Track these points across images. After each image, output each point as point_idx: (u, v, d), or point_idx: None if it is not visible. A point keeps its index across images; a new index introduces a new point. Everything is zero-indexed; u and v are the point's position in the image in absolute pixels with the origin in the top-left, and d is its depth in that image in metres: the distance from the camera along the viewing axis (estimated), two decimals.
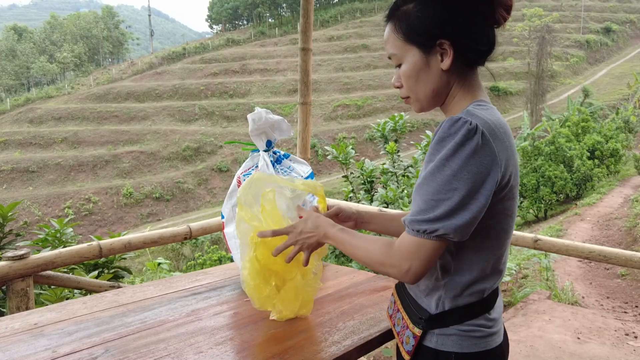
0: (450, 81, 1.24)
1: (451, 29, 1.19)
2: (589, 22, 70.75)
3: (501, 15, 1.22)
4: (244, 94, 53.87)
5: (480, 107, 1.17)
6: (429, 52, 1.21)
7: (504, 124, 1.16)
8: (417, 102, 1.29)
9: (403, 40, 1.24)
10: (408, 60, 1.24)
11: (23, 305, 2.47)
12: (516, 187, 1.20)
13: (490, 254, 1.21)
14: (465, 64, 1.24)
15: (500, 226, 1.20)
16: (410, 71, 1.24)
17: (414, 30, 1.22)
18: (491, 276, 1.24)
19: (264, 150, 1.81)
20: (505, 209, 1.19)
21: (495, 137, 1.10)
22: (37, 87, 66.43)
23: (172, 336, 1.52)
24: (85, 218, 35.92)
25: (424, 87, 1.25)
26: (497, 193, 1.12)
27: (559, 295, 6.17)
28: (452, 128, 1.09)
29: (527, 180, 17.61)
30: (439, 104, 1.29)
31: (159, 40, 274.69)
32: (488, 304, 1.25)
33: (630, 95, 40.74)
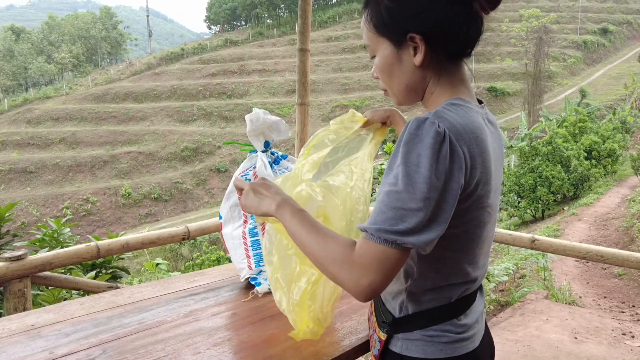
0: (426, 76, 1.15)
1: (423, 22, 1.09)
2: (586, 23, 70.86)
3: (480, 4, 1.12)
4: (242, 94, 53.91)
5: (454, 107, 1.07)
6: (401, 47, 1.13)
7: (476, 127, 1.05)
8: (394, 97, 1.22)
9: (374, 32, 1.16)
10: (380, 53, 1.17)
11: (20, 306, 2.47)
12: (486, 197, 1.09)
13: (457, 262, 1.14)
14: (444, 57, 1.14)
15: (468, 236, 1.12)
16: (383, 65, 1.17)
17: (384, 22, 1.13)
18: (459, 283, 1.16)
19: (262, 151, 1.81)
20: (473, 219, 1.09)
21: (463, 143, 1.00)
22: (35, 87, 66.43)
23: (170, 337, 1.52)
24: (84, 218, 35.90)
25: (397, 82, 1.18)
26: (462, 202, 1.02)
27: (556, 295, 6.18)
28: (419, 130, 0.99)
29: (524, 180, 17.62)
30: (418, 100, 1.21)
31: (157, 41, 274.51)
32: (456, 309, 1.17)
33: (627, 96, 40.85)
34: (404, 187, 0.96)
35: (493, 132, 1.18)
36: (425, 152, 0.96)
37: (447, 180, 0.97)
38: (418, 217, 0.96)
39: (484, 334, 1.28)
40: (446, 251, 1.10)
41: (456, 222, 1.04)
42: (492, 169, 1.09)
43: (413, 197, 0.95)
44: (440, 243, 1.04)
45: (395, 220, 0.96)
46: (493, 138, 1.16)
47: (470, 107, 1.10)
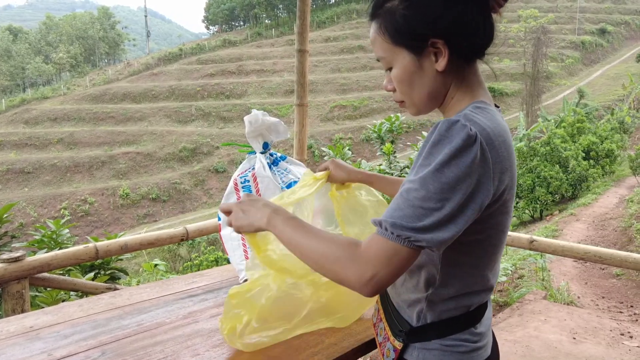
0: (447, 81, 1.12)
1: (443, 26, 1.06)
2: (584, 24, 70.93)
3: (496, 1, 1.12)
4: (241, 94, 53.88)
5: (479, 110, 1.05)
6: (421, 54, 1.09)
7: (503, 131, 1.04)
8: (413, 107, 1.18)
9: (390, 43, 1.11)
10: (398, 64, 1.12)
11: (18, 308, 2.47)
12: (511, 200, 1.09)
13: (478, 269, 1.13)
14: (463, 60, 1.12)
15: (491, 241, 1.10)
16: (402, 75, 1.13)
17: (402, 31, 1.09)
18: (479, 291, 1.15)
19: (261, 152, 1.81)
20: (497, 224, 1.08)
21: (492, 148, 0.98)
22: (33, 87, 66.38)
23: (168, 339, 1.51)
24: (82, 219, 35.86)
25: (418, 91, 1.13)
26: (488, 207, 1.01)
27: (554, 296, 6.18)
28: (449, 131, 0.97)
29: (522, 180, 17.64)
30: (437, 106, 1.18)
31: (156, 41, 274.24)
32: (474, 318, 1.16)
33: (625, 96, 40.88)
34: (426, 186, 0.95)
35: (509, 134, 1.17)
36: (453, 154, 0.94)
37: (474, 185, 0.95)
38: (436, 217, 0.94)
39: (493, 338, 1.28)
40: (469, 257, 1.10)
41: (480, 227, 1.04)
42: (515, 171, 1.09)
43: (434, 196, 0.94)
44: (463, 249, 1.06)
45: (412, 218, 0.94)
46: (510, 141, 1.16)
47: (494, 109, 1.10)
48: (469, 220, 0.97)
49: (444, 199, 0.94)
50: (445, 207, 0.94)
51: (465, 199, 0.95)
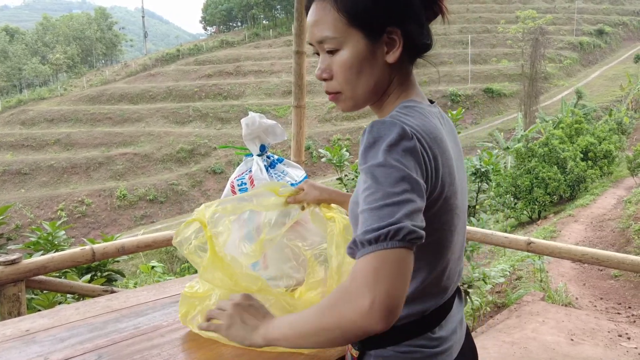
0: (391, 76, 1.08)
1: (404, 16, 1.03)
2: (582, 24, 71.07)
3: (440, 7, 1.09)
4: (238, 95, 53.90)
5: (407, 109, 1.01)
6: (376, 40, 1.03)
7: (434, 128, 0.99)
8: (351, 99, 1.10)
9: (346, 23, 1.03)
10: (350, 46, 1.04)
11: (15, 311, 2.46)
12: (454, 199, 1.03)
13: (428, 272, 1.05)
14: (408, 57, 1.09)
15: (440, 243, 1.04)
16: (352, 61, 1.04)
17: (362, 11, 1.02)
18: (431, 295, 1.09)
19: (258, 154, 1.80)
20: (443, 224, 1.02)
21: (425, 144, 0.94)
22: (30, 88, 66.32)
23: (166, 342, 1.51)
24: (79, 220, 35.84)
25: (365, 81, 1.06)
26: (430, 206, 0.96)
27: (552, 297, 6.19)
28: (381, 129, 0.92)
29: (520, 181, 17.66)
30: (375, 101, 1.12)
31: (153, 42, 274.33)
32: (429, 322, 1.09)
33: (623, 97, 40.98)
34: (376, 186, 0.88)
35: (449, 130, 1.13)
36: (392, 146, 0.89)
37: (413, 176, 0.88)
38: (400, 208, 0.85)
39: (465, 341, 1.23)
40: (418, 261, 0.99)
41: (428, 229, 0.92)
42: (454, 168, 1.04)
43: (389, 192, 0.86)
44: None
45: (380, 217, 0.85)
46: (450, 137, 1.10)
47: (424, 107, 1.05)
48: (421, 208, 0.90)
49: (404, 190, 0.86)
50: (402, 198, 0.86)
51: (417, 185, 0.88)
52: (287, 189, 1.55)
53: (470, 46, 60.45)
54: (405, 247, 0.84)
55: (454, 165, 1.03)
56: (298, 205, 1.56)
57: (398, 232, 0.83)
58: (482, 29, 67.78)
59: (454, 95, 49.55)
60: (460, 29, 67.58)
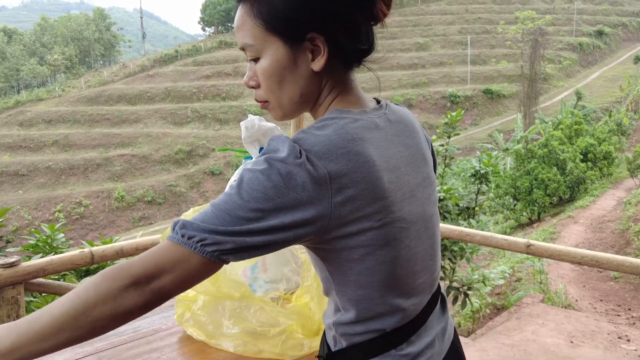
0: (320, 84, 1.03)
1: (326, 22, 0.96)
2: (582, 25, 71.19)
3: (380, 9, 1.01)
4: (237, 96, 53.92)
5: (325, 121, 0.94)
6: (297, 47, 0.98)
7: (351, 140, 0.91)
8: (279, 109, 1.06)
9: (264, 29, 0.98)
10: (269, 54, 0.99)
11: (14, 314, 2.45)
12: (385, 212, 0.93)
13: (373, 291, 0.98)
14: (341, 64, 1.03)
15: (375, 260, 0.96)
16: (272, 69, 1.00)
17: (279, 17, 0.96)
18: (387, 314, 1.01)
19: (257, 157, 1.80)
20: (370, 241, 0.93)
21: (328, 162, 0.87)
22: (27, 89, 66.29)
23: (165, 345, 1.51)
24: (77, 222, 35.82)
25: (289, 90, 1.02)
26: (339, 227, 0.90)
27: (552, 299, 6.19)
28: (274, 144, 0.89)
29: (520, 183, 17.69)
30: (307, 110, 1.08)
31: (151, 43, 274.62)
32: (393, 340, 1.03)
33: (623, 98, 41.04)
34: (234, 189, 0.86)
35: (396, 132, 1.05)
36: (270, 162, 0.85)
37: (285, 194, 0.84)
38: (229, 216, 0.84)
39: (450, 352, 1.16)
40: (360, 279, 0.97)
41: (349, 246, 0.93)
42: (384, 180, 0.93)
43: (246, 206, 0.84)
44: (350, 272, 0.96)
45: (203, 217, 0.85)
46: (395, 140, 1.03)
47: (346, 117, 0.96)
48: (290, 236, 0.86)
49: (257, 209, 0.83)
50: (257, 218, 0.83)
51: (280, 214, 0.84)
52: None
53: (470, 47, 60.51)
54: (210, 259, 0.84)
55: (383, 177, 0.93)
56: None
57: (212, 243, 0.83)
58: (482, 30, 67.87)
59: (453, 96, 49.62)
60: (459, 30, 67.68)
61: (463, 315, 6.08)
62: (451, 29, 68.29)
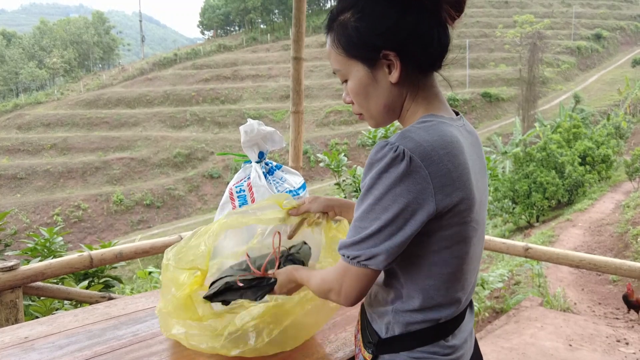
0: (402, 93, 1.14)
1: (394, 37, 1.08)
2: (580, 29, 71.27)
3: (448, 13, 1.11)
4: (236, 100, 53.88)
5: (423, 124, 1.07)
6: (374, 66, 1.11)
7: (448, 143, 1.04)
8: (371, 119, 1.20)
9: (344, 56, 1.14)
10: (353, 76, 1.14)
11: (12, 317, 2.45)
12: (468, 211, 1.07)
13: (443, 282, 1.11)
14: (418, 71, 1.13)
15: (453, 254, 1.09)
16: (357, 88, 1.14)
17: (354, 43, 1.11)
18: (446, 305, 1.13)
19: (256, 161, 1.80)
20: (455, 235, 1.07)
21: (431, 162, 0.99)
22: (26, 92, 66.17)
23: (164, 349, 1.51)
24: (75, 225, 35.74)
25: (375, 103, 1.15)
26: (435, 220, 1.03)
27: (551, 302, 6.19)
28: (378, 154, 1.02)
29: (519, 186, 17.71)
30: (396, 118, 1.19)
31: (150, 46, 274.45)
32: (444, 330, 1.15)
33: (621, 101, 41.11)
34: (361, 208, 1.04)
35: (473, 142, 1.17)
36: (379, 174, 1.00)
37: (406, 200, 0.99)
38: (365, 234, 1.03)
39: (474, 351, 1.28)
40: (430, 271, 1.10)
41: (434, 240, 1.06)
42: (472, 182, 1.07)
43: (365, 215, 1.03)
44: (422, 262, 1.09)
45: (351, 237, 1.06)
46: (473, 149, 1.15)
47: (443, 121, 1.10)
48: (408, 235, 1.02)
49: (374, 218, 1.01)
50: (374, 224, 1.01)
51: (397, 215, 1.00)
52: (291, 202, 1.55)
53: (468, 51, 60.53)
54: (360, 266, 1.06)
55: (471, 178, 1.07)
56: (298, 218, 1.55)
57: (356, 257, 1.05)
58: (480, 34, 67.89)
59: (452, 100, 49.60)
60: (458, 34, 65.74)
61: None
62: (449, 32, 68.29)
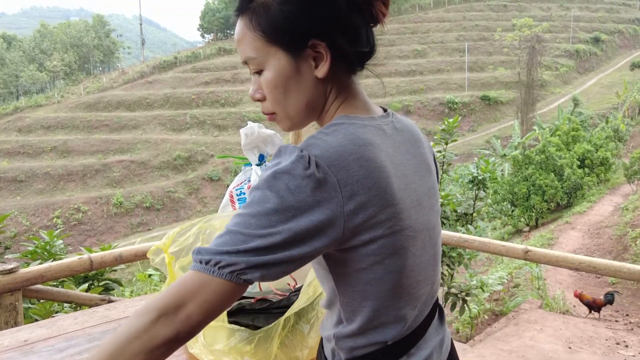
0: (326, 91, 1.02)
1: (326, 27, 0.96)
2: (578, 32, 71.36)
3: (380, 10, 1.00)
4: (236, 103, 53.91)
5: (331, 127, 0.94)
6: (299, 56, 0.97)
7: (359, 146, 0.90)
8: (287, 120, 1.04)
9: (264, 41, 0.97)
10: (272, 65, 0.98)
11: (12, 320, 2.45)
12: (394, 219, 0.92)
13: (379, 301, 0.97)
14: (345, 69, 1.02)
15: (383, 269, 0.94)
16: (276, 80, 0.99)
17: (278, 27, 0.96)
18: (390, 325, 1.00)
19: (257, 164, 1.81)
20: (380, 249, 0.92)
21: (339, 169, 0.86)
22: (26, 95, 66.18)
23: None
24: (75, 228, 35.74)
25: (295, 100, 1.01)
26: (352, 235, 0.89)
27: (550, 304, 6.19)
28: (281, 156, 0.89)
29: (518, 188, 17.71)
30: (314, 119, 1.06)
31: (150, 49, 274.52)
32: (394, 352, 1.02)
33: (620, 104, 41.11)
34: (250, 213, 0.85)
35: (405, 140, 1.05)
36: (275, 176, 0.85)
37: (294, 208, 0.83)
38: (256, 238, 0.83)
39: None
40: (367, 289, 0.96)
41: (365, 255, 0.92)
42: (394, 187, 0.92)
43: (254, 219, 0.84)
44: (357, 282, 0.95)
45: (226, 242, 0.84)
46: (401, 148, 1.02)
47: (354, 122, 0.96)
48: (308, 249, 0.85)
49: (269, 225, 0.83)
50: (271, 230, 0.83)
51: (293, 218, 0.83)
52: None
53: (467, 54, 60.64)
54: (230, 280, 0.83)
55: (392, 182, 0.92)
56: None
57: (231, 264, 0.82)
58: (479, 37, 67.97)
59: (451, 103, 49.69)
60: (457, 37, 67.79)
61: (461, 321, 6.08)
62: (449, 36, 68.39)
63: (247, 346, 1.36)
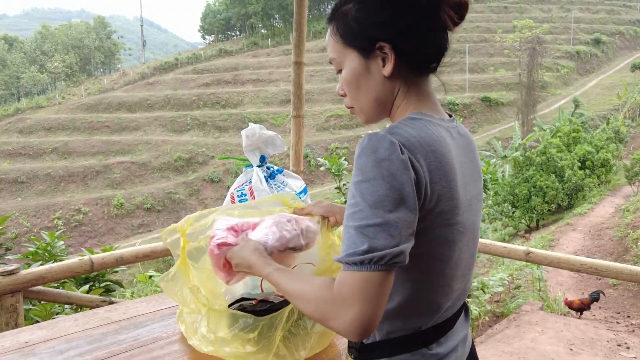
0: (394, 88, 1.13)
1: (391, 31, 1.08)
2: (579, 34, 71.36)
3: (448, 15, 1.10)
4: (236, 104, 53.94)
5: (410, 121, 1.05)
6: (369, 56, 1.11)
7: (433, 140, 1.01)
8: (361, 113, 1.18)
9: (342, 44, 1.14)
10: (347, 65, 1.14)
11: (12, 322, 2.44)
12: (452, 213, 1.03)
13: (422, 286, 1.06)
14: (412, 69, 1.12)
15: (434, 256, 1.04)
16: (350, 77, 1.14)
17: (352, 32, 1.12)
18: (426, 312, 1.09)
19: (258, 165, 1.80)
20: (437, 237, 1.02)
21: (419, 156, 0.97)
22: (27, 97, 66.30)
23: (165, 354, 1.50)
24: (75, 229, 35.74)
25: (365, 95, 1.14)
26: (422, 218, 0.97)
27: (551, 306, 6.19)
28: (370, 142, 0.96)
29: (518, 190, 17.68)
30: (386, 114, 1.17)
31: (151, 51, 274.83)
32: (426, 338, 1.09)
33: (620, 106, 41.07)
34: (362, 204, 0.93)
35: (464, 145, 1.15)
36: (378, 164, 0.93)
37: (403, 190, 0.92)
38: (383, 230, 0.91)
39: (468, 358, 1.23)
40: (411, 273, 1.04)
41: (419, 240, 0.98)
42: (458, 183, 1.04)
43: (374, 212, 0.91)
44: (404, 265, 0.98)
45: (361, 239, 0.91)
46: (462, 151, 1.13)
47: (431, 120, 1.08)
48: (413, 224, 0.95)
49: (383, 211, 0.91)
50: (387, 219, 0.91)
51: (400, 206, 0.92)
52: (297, 201, 1.55)
53: (468, 55, 60.61)
54: (387, 270, 0.92)
55: (457, 180, 1.04)
56: None
57: (382, 258, 0.90)
58: (480, 39, 67.98)
59: (452, 104, 49.67)
60: (457, 38, 67.42)
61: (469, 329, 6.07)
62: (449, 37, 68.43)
63: (250, 334, 1.37)
